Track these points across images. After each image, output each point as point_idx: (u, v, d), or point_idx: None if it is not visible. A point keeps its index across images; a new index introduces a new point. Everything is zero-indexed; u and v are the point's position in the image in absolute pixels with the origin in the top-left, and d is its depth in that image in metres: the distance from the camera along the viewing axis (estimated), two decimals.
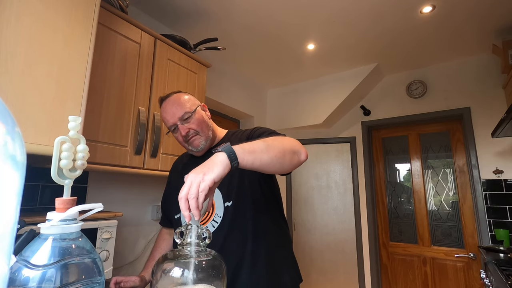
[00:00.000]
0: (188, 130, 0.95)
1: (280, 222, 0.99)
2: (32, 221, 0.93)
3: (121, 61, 1.38)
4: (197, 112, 0.98)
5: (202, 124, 0.98)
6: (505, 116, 1.74)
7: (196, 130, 0.96)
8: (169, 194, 1.11)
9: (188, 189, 0.57)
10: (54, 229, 0.40)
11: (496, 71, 2.37)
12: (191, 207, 0.56)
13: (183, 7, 1.88)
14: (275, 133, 0.91)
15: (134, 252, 1.70)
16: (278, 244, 0.94)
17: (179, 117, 0.95)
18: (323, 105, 2.87)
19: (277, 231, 0.96)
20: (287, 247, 0.99)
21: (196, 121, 0.96)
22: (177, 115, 0.95)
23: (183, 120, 0.95)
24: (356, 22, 2.03)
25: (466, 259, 2.39)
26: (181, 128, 0.95)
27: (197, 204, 0.56)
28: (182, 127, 0.95)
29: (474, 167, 2.35)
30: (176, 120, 0.95)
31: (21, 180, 0.25)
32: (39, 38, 0.94)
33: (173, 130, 0.98)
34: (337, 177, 3.05)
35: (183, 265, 0.53)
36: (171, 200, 1.05)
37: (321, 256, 2.97)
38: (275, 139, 0.78)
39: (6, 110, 0.24)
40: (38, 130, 0.91)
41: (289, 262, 0.96)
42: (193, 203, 0.56)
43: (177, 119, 0.95)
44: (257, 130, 0.98)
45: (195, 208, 0.56)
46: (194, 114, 0.96)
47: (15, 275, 0.36)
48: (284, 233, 1.00)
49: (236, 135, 1.03)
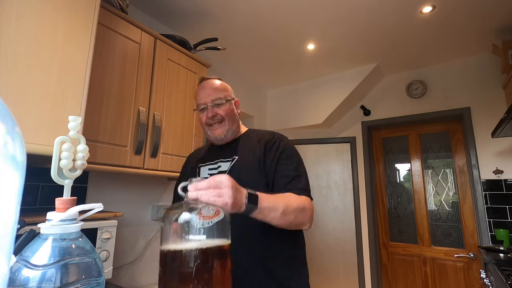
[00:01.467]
0: (215, 114, 0.99)
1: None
2: (32, 221, 0.93)
3: (121, 61, 1.38)
4: (230, 103, 1.03)
5: (230, 115, 1.01)
6: (505, 116, 1.74)
7: (223, 117, 1.00)
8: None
9: (206, 187, 0.60)
10: (54, 229, 0.40)
11: (496, 71, 2.37)
12: (193, 194, 0.58)
13: (183, 7, 1.88)
14: (296, 178, 0.91)
15: (134, 252, 1.70)
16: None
17: (212, 99, 0.99)
18: (323, 105, 2.87)
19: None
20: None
21: (226, 110, 1.00)
22: (211, 97, 0.99)
23: (214, 104, 0.99)
24: (356, 22, 2.03)
25: (466, 259, 2.39)
26: (209, 110, 0.99)
27: (197, 197, 0.58)
28: (210, 109, 0.99)
29: (474, 167, 2.35)
30: (208, 101, 1.00)
31: (21, 180, 0.25)
32: (39, 38, 0.94)
33: (201, 110, 1.02)
34: (337, 177, 3.05)
35: (190, 212, 0.55)
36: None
37: (321, 256, 2.97)
38: (297, 206, 0.81)
39: (6, 110, 0.24)
40: (38, 130, 0.91)
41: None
42: (194, 195, 0.58)
43: (210, 101, 0.99)
44: (280, 143, 0.98)
45: (195, 196, 0.58)
46: (226, 103, 1.01)
47: (15, 275, 0.36)
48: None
49: (256, 134, 1.05)
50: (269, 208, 0.73)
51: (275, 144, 0.98)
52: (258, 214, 0.72)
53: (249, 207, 0.68)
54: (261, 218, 0.73)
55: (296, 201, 0.83)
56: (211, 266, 0.54)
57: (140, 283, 1.71)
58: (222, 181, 0.62)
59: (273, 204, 0.75)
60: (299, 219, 0.82)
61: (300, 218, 0.82)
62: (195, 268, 0.52)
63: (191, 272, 0.52)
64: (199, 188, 0.59)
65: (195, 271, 0.52)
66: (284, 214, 0.76)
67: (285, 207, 0.77)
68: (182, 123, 1.67)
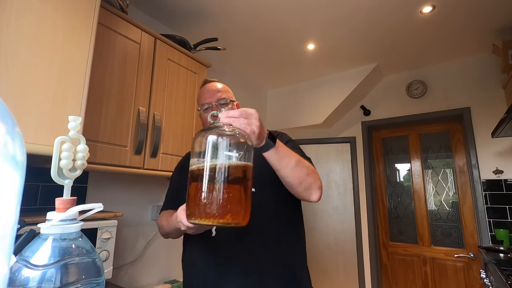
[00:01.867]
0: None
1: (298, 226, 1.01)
2: (32, 221, 0.93)
3: (121, 61, 1.38)
4: (233, 104, 1.05)
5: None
6: (505, 116, 1.74)
7: None
8: (181, 183, 1.05)
9: (238, 115, 0.65)
10: (54, 229, 0.40)
11: (496, 71, 2.37)
12: (225, 120, 0.64)
13: (183, 7, 1.88)
14: (305, 157, 0.94)
15: (134, 252, 1.70)
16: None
17: (217, 98, 1.02)
18: (323, 105, 2.87)
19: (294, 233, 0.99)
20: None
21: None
22: (217, 96, 1.02)
23: (219, 104, 1.02)
24: (356, 22, 2.03)
25: (466, 259, 2.39)
26: (214, 109, 1.00)
27: (230, 123, 0.64)
28: (215, 108, 1.01)
29: (474, 167, 2.35)
30: (213, 100, 1.02)
31: (21, 180, 0.25)
32: (39, 38, 0.94)
33: (205, 109, 1.03)
34: (337, 177, 3.05)
35: (219, 132, 0.62)
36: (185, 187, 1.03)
37: (321, 256, 2.97)
38: (309, 165, 0.84)
39: (6, 110, 0.24)
40: (38, 130, 0.91)
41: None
42: (226, 121, 0.65)
43: (215, 100, 1.02)
44: (283, 136, 1.03)
45: (227, 122, 0.64)
46: (230, 103, 1.04)
47: (15, 275, 0.36)
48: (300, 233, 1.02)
49: None
50: (284, 153, 0.77)
51: (278, 136, 1.00)
52: (273, 154, 0.75)
53: (269, 142, 0.73)
54: (275, 160, 0.76)
55: (309, 164, 0.86)
56: (239, 181, 0.60)
57: (140, 283, 1.71)
58: (252, 113, 0.67)
59: (288, 151, 0.79)
60: (310, 178, 0.82)
61: (311, 178, 0.83)
62: (225, 182, 0.58)
63: (221, 185, 0.58)
64: (231, 115, 0.65)
65: (225, 185, 0.58)
66: (297, 165, 0.79)
67: (298, 159, 0.80)
68: (182, 123, 1.67)
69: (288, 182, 0.81)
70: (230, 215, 0.58)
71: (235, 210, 0.59)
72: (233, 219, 0.59)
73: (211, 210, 0.57)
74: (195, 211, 0.59)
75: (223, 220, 0.58)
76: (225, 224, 0.58)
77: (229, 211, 0.58)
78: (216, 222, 0.57)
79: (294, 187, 0.82)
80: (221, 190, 0.58)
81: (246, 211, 0.62)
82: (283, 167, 0.77)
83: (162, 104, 1.56)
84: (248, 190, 0.63)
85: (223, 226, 0.59)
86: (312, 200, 0.85)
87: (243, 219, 0.61)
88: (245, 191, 0.62)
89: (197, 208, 0.59)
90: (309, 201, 0.86)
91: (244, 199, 0.62)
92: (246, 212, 0.62)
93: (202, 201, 0.58)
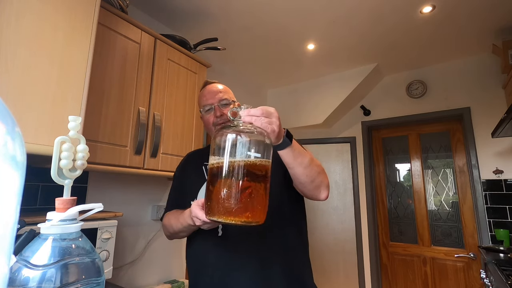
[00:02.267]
0: (223, 114, 1.00)
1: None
2: (32, 221, 0.93)
3: (121, 61, 1.38)
4: (234, 104, 1.05)
5: (236, 115, 1.02)
6: (505, 116, 1.74)
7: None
8: (185, 182, 1.07)
9: (260, 114, 0.66)
10: (54, 229, 0.40)
11: (496, 71, 2.37)
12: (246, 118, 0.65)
13: (183, 7, 1.88)
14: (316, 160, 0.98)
15: (134, 252, 1.70)
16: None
17: (219, 99, 1.02)
18: (323, 105, 2.87)
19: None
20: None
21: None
22: (218, 97, 1.02)
23: (221, 104, 1.01)
24: (356, 22, 2.03)
25: (466, 259, 2.39)
26: (217, 109, 1.01)
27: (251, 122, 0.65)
28: (218, 109, 1.01)
29: (474, 167, 2.35)
30: (215, 101, 1.01)
31: (21, 180, 0.25)
32: (39, 38, 0.94)
33: (207, 110, 1.03)
34: (337, 177, 3.05)
35: (240, 130, 0.64)
36: (189, 187, 1.04)
37: (321, 256, 2.97)
38: (319, 164, 0.87)
39: (6, 110, 0.24)
40: (38, 130, 0.91)
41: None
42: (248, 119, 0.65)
43: (217, 101, 1.01)
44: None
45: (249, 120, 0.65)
46: (232, 104, 1.04)
47: (15, 275, 0.36)
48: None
49: None
50: (299, 150, 0.79)
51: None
52: (289, 152, 0.76)
53: (286, 140, 0.74)
54: (290, 158, 0.77)
55: (319, 162, 0.88)
56: (259, 180, 0.61)
57: (140, 283, 1.71)
58: (272, 112, 0.69)
59: (302, 150, 0.81)
60: (321, 176, 0.85)
61: (322, 177, 0.86)
62: (246, 181, 0.59)
63: (242, 184, 0.59)
64: (252, 114, 0.66)
65: (246, 183, 0.59)
66: (310, 163, 0.81)
67: (311, 158, 0.83)
68: (182, 123, 1.67)
69: (300, 180, 0.83)
70: (251, 214, 0.59)
71: (255, 209, 0.60)
72: (254, 218, 0.60)
73: (231, 208, 0.58)
74: (215, 208, 0.60)
75: (244, 219, 0.58)
76: (245, 223, 0.59)
77: (250, 209, 0.59)
78: (237, 220, 0.58)
79: (306, 185, 0.84)
80: (242, 188, 0.59)
81: (265, 210, 0.63)
82: (297, 165, 0.79)
83: (162, 104, 1.56)
84: (267, 189, 0.63)
85: (243, 225, 0.60)
86: (321, 199, 0.88)
87: (262, 217, 0.62)
88: (264, 190, 0.63)
89: (217, 205, 0.60)
90: (318, 200, 0.89)
91: (264, 198, 0.62)
92: (264, 210, 0.63)
93: (223, 199, 0.59)
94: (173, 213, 1.00)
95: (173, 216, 0.98)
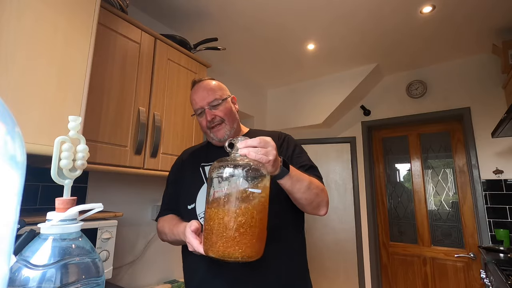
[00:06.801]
0: (214, 117, 0.96)
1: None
2: (32, 221, 0.93)
3: (121, 61, 1.38)
4: (226, 101, 0.99)
5: (229, 114, 0.98)
6: (505, 116, 1.74)
7: (222, 118, 0.97)
8: (181, 183, 1.04)
9: (257, 144, 0.66)
10: (54, 229, 0.40)
11: (496, 71, 2.37)
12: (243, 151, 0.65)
13: (183, 7, 1.88)
14: (312, 167, 0.96)
15: (134, 252, 1.70)
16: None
17: (208, 102, 0.96)
18: (323, 105, 2.87)
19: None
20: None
21: (224, 110, 0.97)
22: (207, 99, 0.96)
23: (211, 106, 0.96)
24: (356, 22, 2.03)
25: (466, 259, 2.39)
26: (207, 113, 0.95)
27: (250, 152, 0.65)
28: (209, 112, 0.95)
29: (474, 167, 2.35)
30: (204, 104, 0.96)
31: (21, 180, 0.25)
32: (39, 38, 0.94)
33: (199, 114, 0.99)
34: (337, 177, 3.05)
35: (236, 165, 0.63)
36: (185, 189, 1.00)
37: (321, 256, 2.97)
38: (318, 185, 0.87)
39: (6, 110, 0.24)
40: (38, 130, 0.91)
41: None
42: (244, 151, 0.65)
43: (206, 104, 0.96)
44: (289, 141, 1.01)
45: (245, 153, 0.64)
46: (223, 103, 0.98)
47: (15, 275, 0.36)
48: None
49: (262, 134, 1.03)
50: (297, 177, 0.78)
51: (284, 142, 1.00)
52: (287, 181, 0.76)
53: (283, 170, 0.73)
54: (289, 186, 0.77)
55: (318, 182, 0.88)
56: (257, 215, 0.61)
57: (140, 283, 1.71)
58: (268, 141, 0.68)
59: (300, 175, 0.80)
60: (320, 197, 0.86)
61: (321, 197, 0.86)
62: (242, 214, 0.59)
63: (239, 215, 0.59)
64: (249, 145, 0.65)
65: (241, 214, 0.59)
66: (308, 187, 0.81)
67: (310, 181, 0.82)
68: (182, 123, 1.67)
69: (299, 202, 0.84)
70: (249, 250, 0.59)
71: (255, 245, 0.60)
72: (256, 255, 0.61)
73: (228, 246, 0.58)
74: (213, 246, 0.60)
75: (245, 257, 0.59)
76: (246, 260, 0.59)
77: (248, 246, 0.59)
78: (235, 258, 0.58)
79: (305, 206, 0.86)
80: (238, 225, 0.59)
81: (263, 244, 0.63)
82: (296, 192, 0.80)
83: (162, 104, 1.56)
84: (264, 222, 0.63)
85: (242, 261, 0.60)
86: (320, 215, 0.90)
87: (260, 252, 0.62)
88: (263, 224, 0.62)
89: (215, 243, 0.60)
90: (317, 215, 0.91)
91: (262, 232, 0.62)
92: (262, 244, 0.63)
93: (221, 237, 0.59)
94: (168, 221, 0.96)
95: (167, 224, 0.95)
